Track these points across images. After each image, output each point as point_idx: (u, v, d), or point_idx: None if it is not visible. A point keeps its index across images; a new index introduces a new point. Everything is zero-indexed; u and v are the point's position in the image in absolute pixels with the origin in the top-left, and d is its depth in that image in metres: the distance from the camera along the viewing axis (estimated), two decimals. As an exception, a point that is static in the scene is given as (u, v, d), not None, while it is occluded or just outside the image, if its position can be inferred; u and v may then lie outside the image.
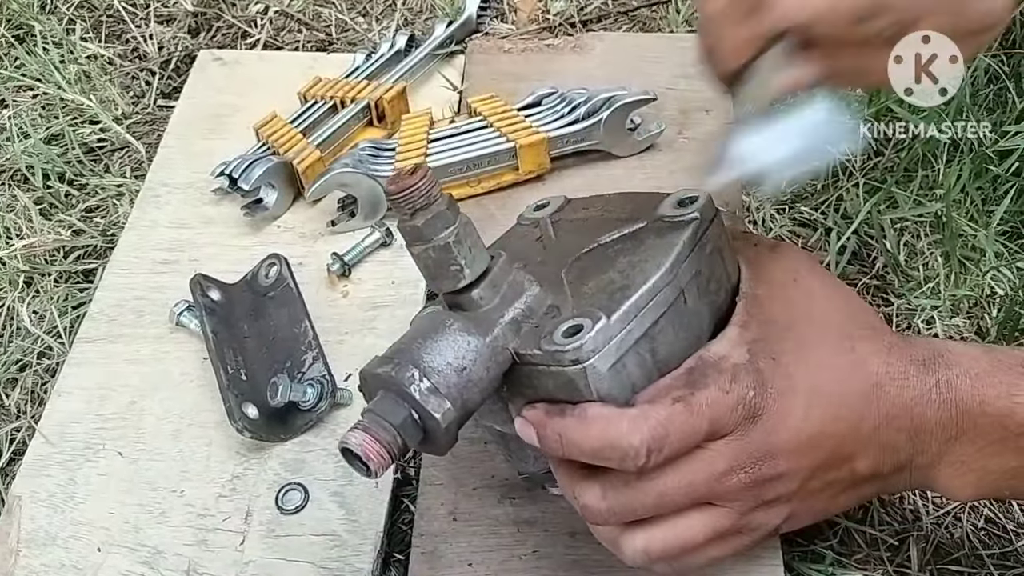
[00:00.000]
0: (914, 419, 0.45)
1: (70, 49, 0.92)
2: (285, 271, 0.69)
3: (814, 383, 0.45)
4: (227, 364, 0.64)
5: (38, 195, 0.81)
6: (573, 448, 0.43)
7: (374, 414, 0.43)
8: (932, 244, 0.73)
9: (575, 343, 0.41)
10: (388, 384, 0.43)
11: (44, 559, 0.59)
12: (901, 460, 0.46)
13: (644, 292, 0.43)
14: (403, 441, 0.42)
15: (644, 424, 0.42)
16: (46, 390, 0.69)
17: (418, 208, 0.43)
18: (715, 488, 0.44)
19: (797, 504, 0.47)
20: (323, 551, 0.58)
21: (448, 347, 0.43)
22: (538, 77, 0.84)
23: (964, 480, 0.46)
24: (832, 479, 0.46)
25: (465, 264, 0.44)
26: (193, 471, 0.62)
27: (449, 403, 0.42)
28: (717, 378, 0.43)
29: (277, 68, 0.88)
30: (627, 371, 0.43)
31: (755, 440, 0.44)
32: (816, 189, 0.77)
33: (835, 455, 0.45)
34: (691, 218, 0.46)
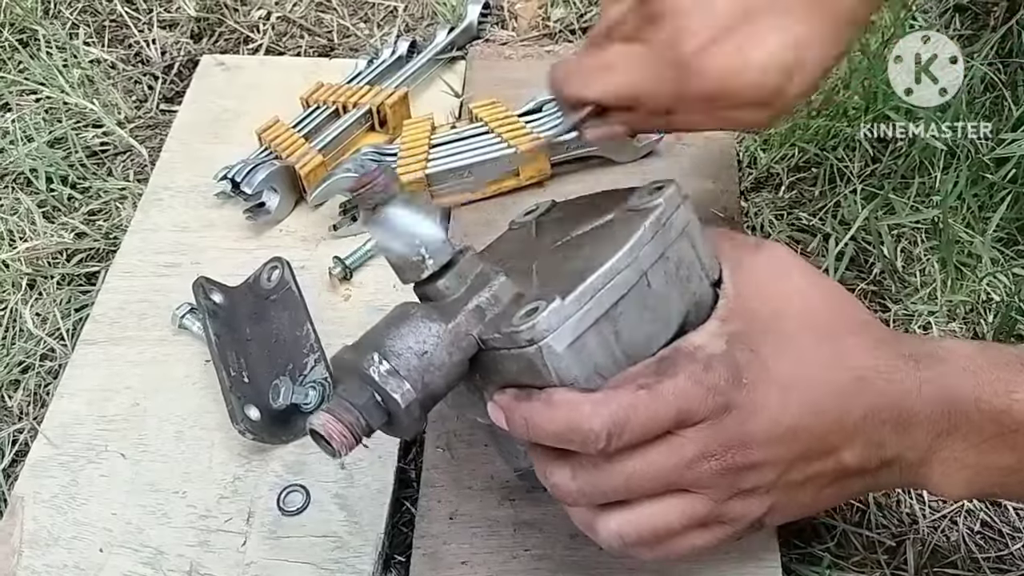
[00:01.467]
0: (902, 413, 0.44)
1: (73, 54, 0.93)
2: (287, 274, 0.70)
3: (793, 374, 0.44)
4: (229, 366, 0.64)
5: (41, 198, 0.81)
6: (539, 431, 0.44)
7: (339, 397, 0.44)
8: (929, 250, 0.73)
9: (528, 323, 0.42)
10: (352, 368, 0.44)
11: (47, 560, 0.59)
12: (889, 455, 0.45)
13: (601, 273, 0.43)
14: (367, 423, 0.44)
15: (605, 408, 0.42)
16: (48, 392, 0.69)
17: (378, 203, 0.46)
18: (685, 475, 0.44)
19: (779, 496, 0.46)
20: (324, 552, 0.58)
21: (409, 332, 0.45)
22: (539, 83, 0.84)
23: (956, 477, 0.46)
24: (815, 472, 0.45)
25: (427, 254, 0.45)
26: (195, 472, 0.63)
27: (409, 384, 0.43)
28: (688, 366, 0.43)
29: (279, 73, 0.88)
30: (587, 351, 0.43)
31: (727, 428, 0.43)
32: (814, 195, 0.78)
33: (817, 447, 0.45)
34: (655, 204, 0.46)
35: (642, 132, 0.56)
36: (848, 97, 0.77)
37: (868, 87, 0.77)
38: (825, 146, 0.79)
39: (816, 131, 0.78)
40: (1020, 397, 0.44)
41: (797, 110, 0.49)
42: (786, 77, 0.50)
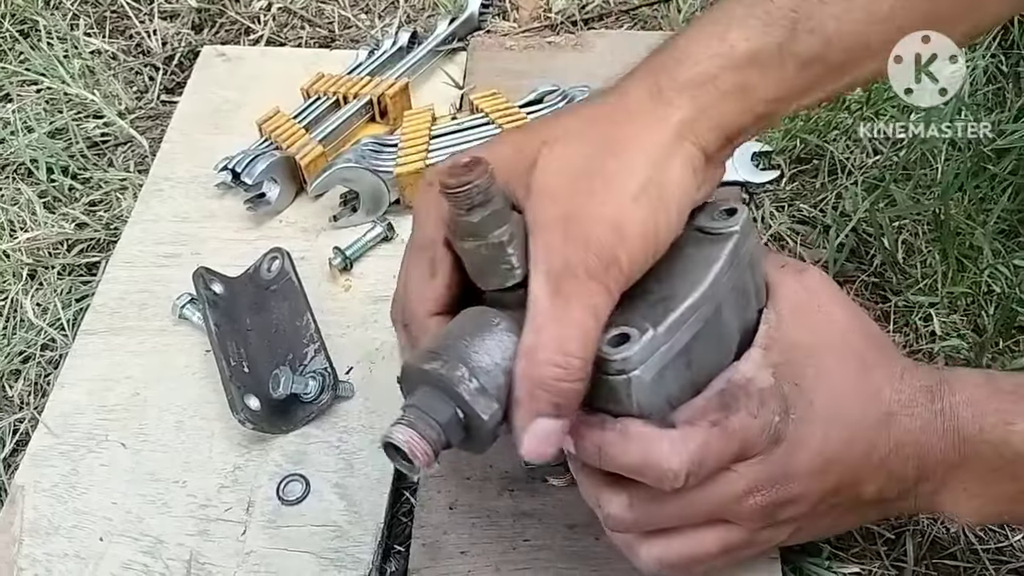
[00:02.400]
0: (920, 447, 0.46)
1: (74, 44, 0.93)
2: (287, 265, 0.70)
3: (833, 410, 0.46)
4: (229, 356, 0.64)
5: (42, 189, 0.81)
6: (611, 462, 0.43)
7: (419, 410, 0.41)
8: (930, 242, 0.73)
9: (622, 353, 0.41)
10: (435, 381, 0.42)
11: (47, 548, 0.59)
12: (907, 487, 0.47)
13: (688, 306, 0.43)
14: (447, 439, 0.42)
15: (684, 448, 0.42)
16: (49, 381, 0.69)
17: (475, 204, 0.42)
18: (731, 507, 0.46)
19: (805, 523, 0.48)
20: (324, 542, 0.58)
21: (495, 347, 0.42)
22: (540, 74, 0.84)
23: (968, 506, 0.47)
24: (839, 502, 0.47)
25: (517, 263, 0.43)
26: (195, 462, 0.63)
27: (497, 404, 0.42)
28: (747, 402, 0.44)
29: (280, 64, 0.88)
30: (666, 383, 0.43)
31: (776, 463, 0.45)
32: (815, 187, 0.78)
33: (845, 480, 0.46)
34: (731, 231, 0.45)
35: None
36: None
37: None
38: (826, 137, 0.78)
39: (817, 122, 0.78)
40: (1017, 428, 0.45)
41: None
42: None
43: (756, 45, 0.45)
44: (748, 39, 0.45)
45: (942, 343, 0.68)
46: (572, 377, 0.41)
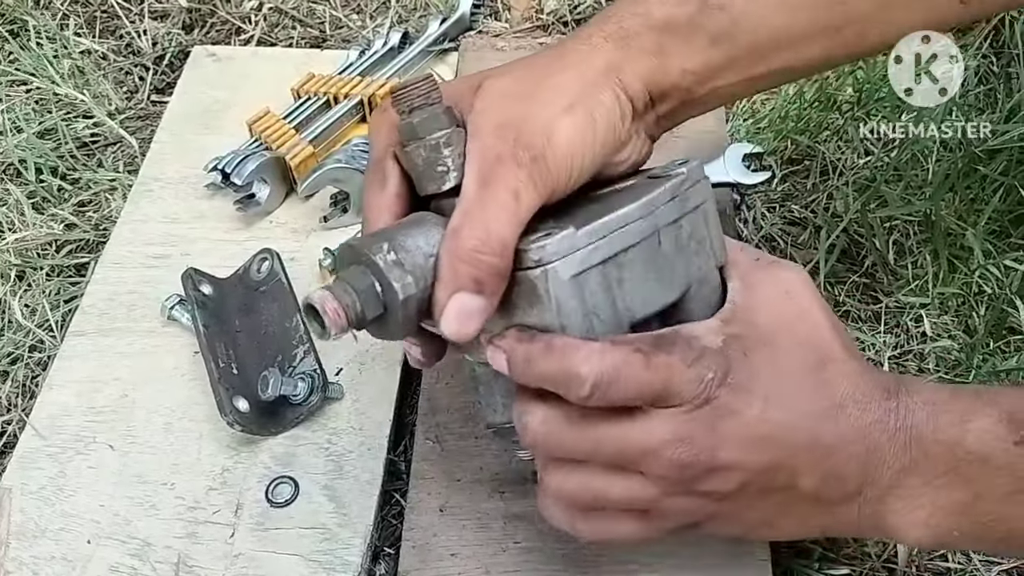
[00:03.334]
0: (868, 444, 0.44)
1: (64, 44, 0.92)
2: (277, 266, 0.69)
3: (778, 388, 0.44)
4: (218, 358, 0.64)
5: (31, 189, 0.81)
6: (534, 371, 0.44)
7: (340, 280, 0.44)
8: (921, 242, 0.73)
9: (539, 243, 0.42)
10: (359, 256, 0.44)
11: (34, 551, 0.59)
12: (850, 489, 0.45)
13: (617, 216, 0.44)
14: (362, 308, 0.43)
15: (599, 359, 0.42)
16: (37, 383, 0.69)
17: (415, 106, 0.45)
18: (647, 457, 0.44)
19: (728, 505, 0.46)
20: (312, 544, 0.58)
21: (421, 233, 0.45)
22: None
23: (913, 517, 0.45)
24: (771, 488, 0.45)
25: (452, 166, 0.45)
26: (184, 464, 0.62)
27: (411, 278, 0.43)
28: (684, 350, 0.44)
29: (271, 64, 0.88)
30: (589, 288, 0.44)
31: (702, 422, 0.44)
32: (806, 187, 0.78)
33: (781, 464, 0.45)
34: (676, 172, 0.47)
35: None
36: (840, 89, 0.77)
37: (861, 80, 0.77)
38: (818, 138, 0.78)
39: (808, 123, 0.78)
40: (973, 426, 0.43)
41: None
42: None
43: (669, 12, 0.49)
44: (663, 4, 0.49)
45: (933, 344, 0.68)
46: (492, 251, 0.42)
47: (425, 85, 0.46)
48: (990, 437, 0.43)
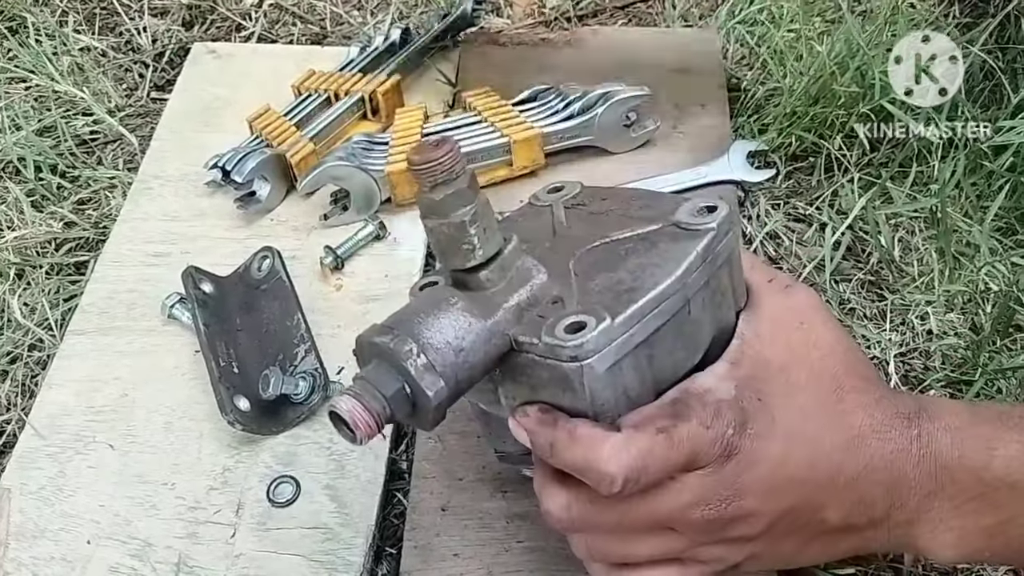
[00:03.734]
0: (893, 472, 0.44)
1: (63, 41, 0.92)
2: (278, 264, 0.69)
3: (796, 428, 0.44)
4: (219, 357, 0.63)
5: (30, 187, 0.80)
6: (558, 459, 0.43)
7: (366, 382, 0.42)
8: (927, 239, 0.73)
9: (576, 340, 0.41)
10: (384, 354, 0.42)
11: (33, 552, 0.58)
12: (877, 515, 0.45)
13: (652, 298, 0.42)
14: (391, 412, 0.42)
15: (625, 453, 0.41)
16: (37, 382, 0.68)
17: (439, 182, 0.42)
18: (676, 517, 0.44)
19: (763, 546, 0.46)
20: (314, 544, 0.58)
21: (449, 325, 0.43)
22: (533, 72, 0.84)
23: (943, 539, 0.45)
24: (800, 525, 0.45)
25: (478, 244, 0.43)
26: (184, 464, 0.62)
27: (443, 382, 0.42)
28: (700, 412, 0.43)
29: (271, 61, 0.87)
30: (623, 375, 0.43)
31: (727, 477, 0.43)
32: (811, 184, 0.77)
33: (806, 502, 0.44)
34: (708, 228, 0.45)
35: None
36: (844, 84, 0.76)
37: (865, 76, 0.77)
38: (823, 135, 0.78)
39: (813, 119, 0.78)
40: (1000, 453, 0.43)
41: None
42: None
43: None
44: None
45: (939, 342, 0.67)
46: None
47: (448, 159, 0.42)
48: (1018, 464, 0.43)
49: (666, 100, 0.82)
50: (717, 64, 0.85)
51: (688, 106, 0.82)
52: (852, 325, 0.68)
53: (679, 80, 0.84)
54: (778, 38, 0.85)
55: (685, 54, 0.86)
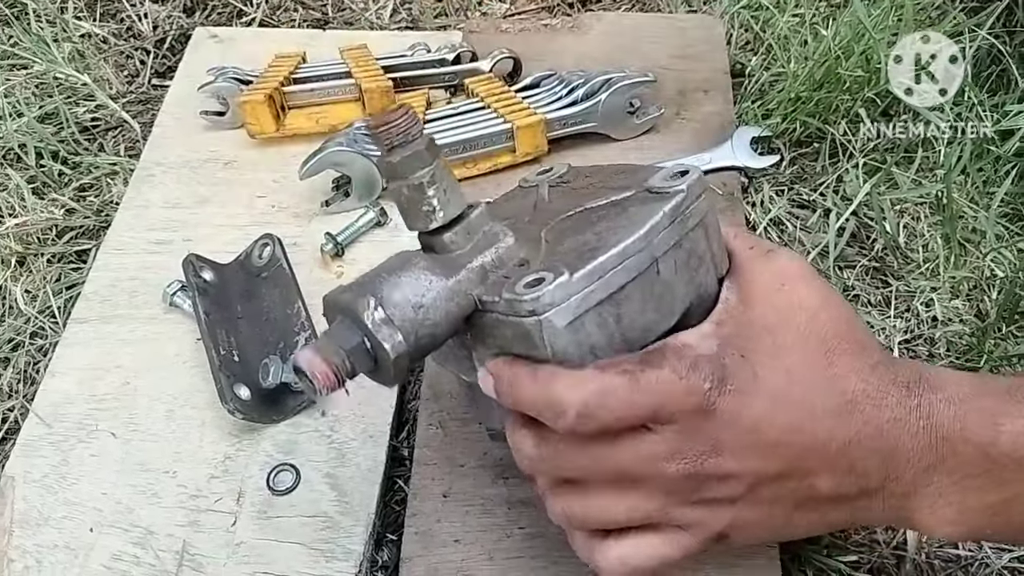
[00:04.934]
0: (888, 442, 0.42)
1: (64, 27, 0.91)
2: (279, 251, 0.69)
3: (782, 389, 0.42)
4: (219, 345, 0.63)
5: (31, 174, 0.80)
6: (518, 398, 0.43)
7: (328, 336, 0.43)
8: (932, 226, 0.72)
9: (533, 294, 0.41)
10: (346, 310, 0.43)
11: (37, 539, 0.59)
12: (871, 485, 0.43)
13: (613, 255, 0.42)
14: (352, 366, 0.43)
15: (582, 387, 0.41)
16: (39, 370, 0.68)
17: (395, 145, 0.44)
18: (648, 471, 0.42)
19: (746, 511, 0.44)
20: (314, 532, 0.58)
21: (408, 283, 0.44)
22: (536, 58, 0.83)
23: (942, 515, 0.43)
24: (788, 492, 0.43)
25: (438, 206, 0.44)
26: (185, 452, 0.62)
27: (401, 336, 0.43)
28: (675, 362, 0.42)
29: (273, 45, 0.86)
30: (586, 331, 0.42)
31: (704, 433, 0.42)
32: (816, 170, 0.76)
33: (793, 467, 0.42)
34: (676, 190, 0.45)
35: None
36: (849, 69, 0.75)
37: (871, 60, 0.76)
38: (827, 120, 0.77)
39: (818, 104, 0.77)
40: (1007, 428, 0.41)
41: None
42: None
43: None
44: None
45: (944, 328, 0.67)
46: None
47: (404, 121, 0.44)
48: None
49: (669, 86, 0.81)
50: (721, 49, 0.85)
51: (691, 92, 0.81)
52: (857, 311, 0.68)
53: (682, 66, 0.83)
54: (782, 23, 0.84)
55: (688, 39, 0.85)
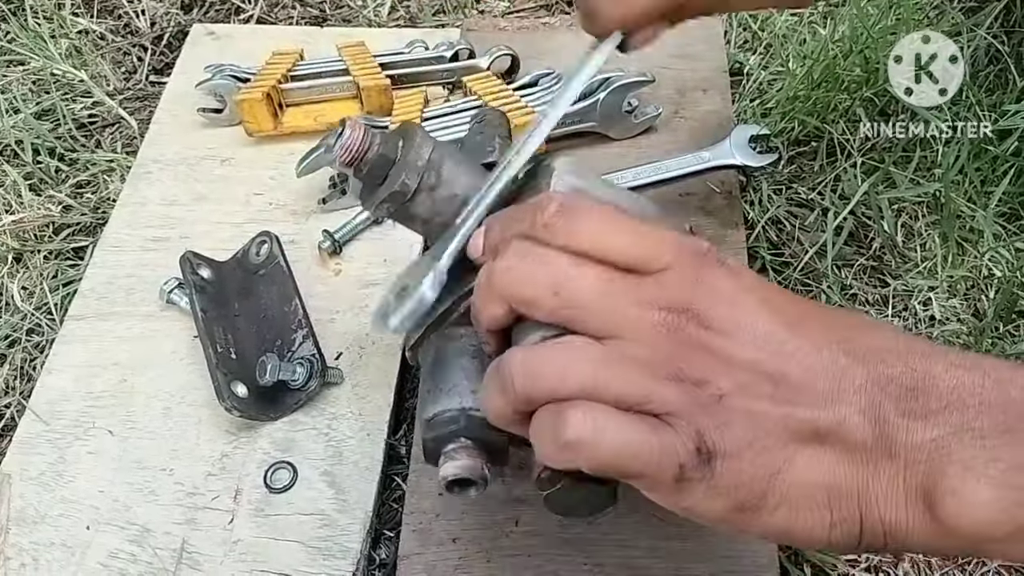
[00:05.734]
0: (917, 375, 0.35)
1: (61, 24, 0.91)
2: (276, 249, 0.69)
3: (784, 296, 0.37)
4: (216, 342, 0.63)
5: (28, 170, 0.80)
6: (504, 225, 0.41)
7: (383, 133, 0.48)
8: (930, 225, 0.72)
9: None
10: (406, 135, 0.48)
11: (33, 537, 0.58)
12: (888, 431, 0.34)
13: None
14: (374, 154, 0.48)
15: (597, 209, 0.38)
16: (35, 367, 0.68)
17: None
18: (632, 312, 0.36)
19: (735, 419, 0.35)
20: (312, 530, 0.58)
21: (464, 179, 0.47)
22: (534, 56, 0.83)
23: (983, 473, 0.33)
24: (782, 414, 0.35)
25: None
26: (183, 449, 0.62)
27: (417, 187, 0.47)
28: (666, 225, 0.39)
29: (271, 42, 0.86)
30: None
31: (694, 292, 0.36)
32: (814, 169, 0.76)
33: (788, 373, 0.35)
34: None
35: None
36: (847, 68, 0.75)
37: (869, 60, 0.76)
38: (826, 119, 0.77)
39: (816, 103, 0.77)
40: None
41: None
42: None
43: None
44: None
45: (941, 327, 0.67)
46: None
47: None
48: None
49: (668, 85, 0.81)
50: (719, 48, 0.85)
51: (690, 91, 0.81)
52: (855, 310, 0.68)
53: (681, 64, 0.83)
54: (781, 21, 0.84)
55: (687, 38, 0.85)
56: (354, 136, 0.47)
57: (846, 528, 0.35)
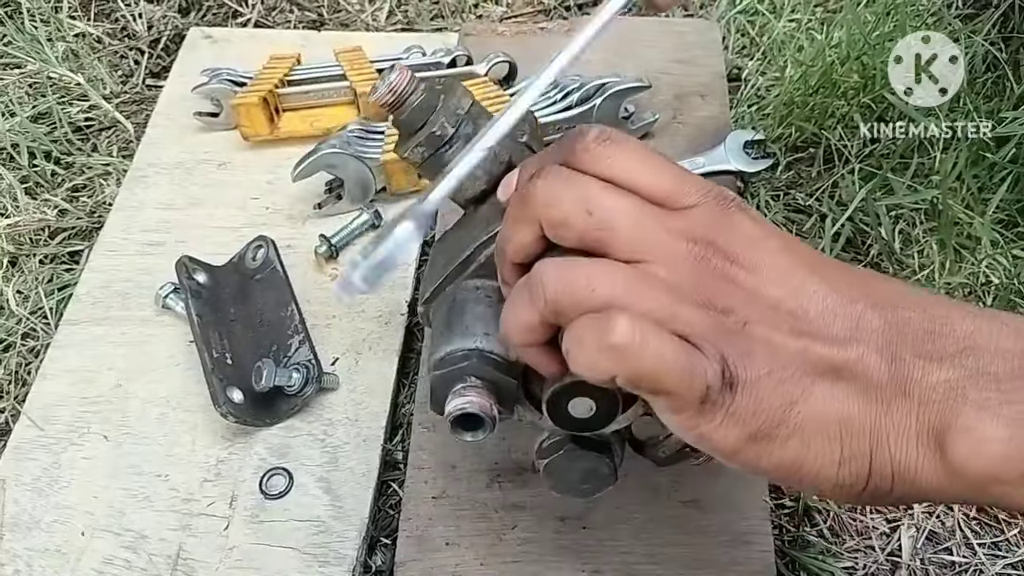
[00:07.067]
0: (936, 314, 0.35)
1: (58, 27, 0.91)
2: (272, 253, 0.68)
3: (805, 245, 0.38)
4: (212, 348, 0.63)
5: (23, 174, 0.80)
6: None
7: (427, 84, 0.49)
8: (927, 231, 0.72)
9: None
10: (448, 90, 0.49)
11: (28, 543, 0.58)
12: (904, 371, 0.35)
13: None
14: (419, 99, 0.48)
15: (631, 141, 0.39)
16: (30, 372, 0.68)
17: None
18: (651, 232, 0.37)
19: (757, 347, 0.35)
20: (307, 537, 0.57)
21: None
22: (532, 61, 0.83)
23: (996, 413, 0.33)
24: (800, 347, 0.35)
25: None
26: (178, 455, 0.62)
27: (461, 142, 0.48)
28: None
29: (268, 46, 0.86)
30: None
31: (721, 229, 0.37)
32: (812, 175, 0.76)
33: (803, 316, 0.36)
34: None
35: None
36: (845, 75, 0.75)
37: (866, 66, 0.76)
38: (823, 125, 0.77)
39: (813, 109, 0.77)
40: None
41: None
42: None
43: None
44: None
45: (939, 335, 0.67)
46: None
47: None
48: None
49: (666, 90, 0.81)
50: (718, 54, 0.85)
51: (688, 96, 0.81)
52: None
53: (679, 70, 0.83)
54: (779, 27, 0.84)
55: (685, 44, 0.85)
56: (400, 78, 0.48)
57: (855, 466, 0.35)
